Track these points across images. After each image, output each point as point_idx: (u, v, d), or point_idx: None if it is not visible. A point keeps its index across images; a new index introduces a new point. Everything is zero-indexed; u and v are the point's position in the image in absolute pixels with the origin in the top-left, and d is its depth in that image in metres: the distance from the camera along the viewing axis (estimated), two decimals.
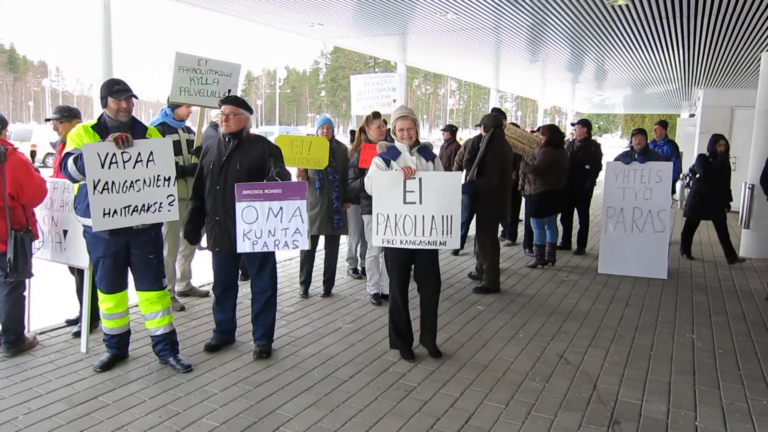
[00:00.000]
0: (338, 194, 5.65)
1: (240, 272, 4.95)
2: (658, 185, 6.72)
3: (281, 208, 3.97)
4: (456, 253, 7.76)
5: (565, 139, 8.37)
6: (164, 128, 5.17)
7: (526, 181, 7.16)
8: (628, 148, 7.28)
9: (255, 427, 3.27)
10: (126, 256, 3.92)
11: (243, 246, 3.99)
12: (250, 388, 3.76)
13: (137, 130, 3.89)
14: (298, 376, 3.96)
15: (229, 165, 4.09)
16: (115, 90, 3.78)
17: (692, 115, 18.94)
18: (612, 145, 36.53)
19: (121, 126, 3.80)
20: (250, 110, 4.23)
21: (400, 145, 4.19)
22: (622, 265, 6.91)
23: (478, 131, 6.30)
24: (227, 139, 4.13)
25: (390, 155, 4.18)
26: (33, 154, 5.86)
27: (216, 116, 6.85)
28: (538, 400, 3.66)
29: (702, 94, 13.72)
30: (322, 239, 5.93)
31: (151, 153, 3.76)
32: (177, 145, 5.19)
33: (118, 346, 4.07)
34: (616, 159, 7.13)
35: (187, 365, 4.01)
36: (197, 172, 4.31)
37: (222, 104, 4.14)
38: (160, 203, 3.84)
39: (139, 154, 3.72)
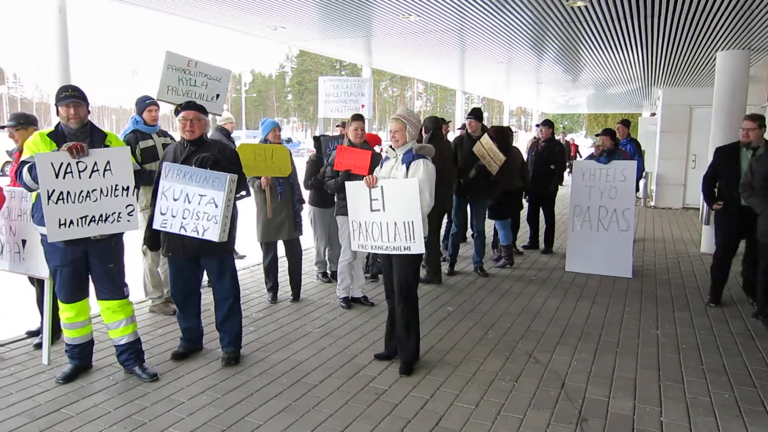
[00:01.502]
0: (298, 197, 5.65)
1: (204, 279, 4.88)
2: (623, 184, 6.86)
3: (200, 195, 3.92)
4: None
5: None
6: (137, 135, 5.05)
7: None
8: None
9: None
10: (85, 264, 3.83)
11: (156, 222, 4.03)
12: (219, 395, 3.70)
13: (96, 137, 3.80)
14: (267, 382, 3.91)
15: None
16: (62, 96, 3.70)
17: (653, 114, 19.38)
18: (580, 144, 37.11)
19: (77, 134, 3.72)
20: (207, 114, 4.26)
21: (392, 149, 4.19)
22: (588, 263, 7.03)
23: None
24: (185, 144, 4.09)
25: (385, 159, 4.26)
26: None
27: (226, 120, 6.79)
28: (508, 400, 3.69)
29: (662, 94, 14.02)
30: (281, 245, 5.84)
31: (108, 162, 3.69)
32: (152, 151, 5.07)
33: (81, 357, 3.97)
34: (588, 158, 7.23)
35: (153, 374, 3.93)
36: (156, 176, 4.24)
37: (184, 110, 4.08)
38: (119, 213, 3.77)
39: (96, 163, 3.65)
